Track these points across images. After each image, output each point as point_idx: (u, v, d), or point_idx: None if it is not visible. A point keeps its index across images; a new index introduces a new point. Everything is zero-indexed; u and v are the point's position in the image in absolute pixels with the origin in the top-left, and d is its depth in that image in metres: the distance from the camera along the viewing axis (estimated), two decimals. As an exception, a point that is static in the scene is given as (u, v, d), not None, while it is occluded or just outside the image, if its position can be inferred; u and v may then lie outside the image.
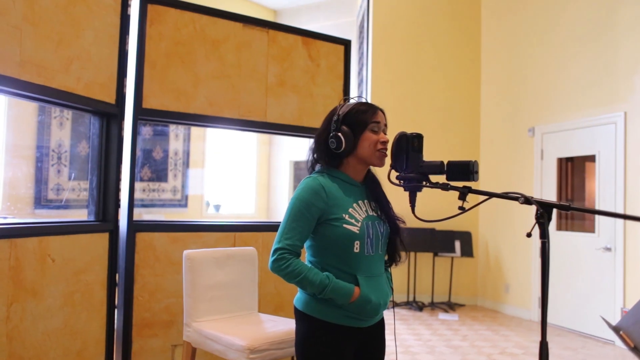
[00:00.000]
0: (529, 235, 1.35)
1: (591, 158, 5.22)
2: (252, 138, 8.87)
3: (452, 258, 6.31)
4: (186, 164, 7.13)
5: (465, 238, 6.23)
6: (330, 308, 1.62)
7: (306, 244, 1.70)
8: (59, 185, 5.07)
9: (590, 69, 5.16)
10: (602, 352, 4.51)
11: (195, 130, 7.27)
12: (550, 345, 5.01)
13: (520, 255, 5.89)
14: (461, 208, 1.49)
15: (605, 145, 4.97)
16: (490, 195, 1.47)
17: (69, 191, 5.12)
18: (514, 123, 6.08)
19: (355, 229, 1.62)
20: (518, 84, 6.07)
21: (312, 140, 1.80)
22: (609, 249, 4.84)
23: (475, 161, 1.50)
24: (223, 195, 8.36)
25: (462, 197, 1.48)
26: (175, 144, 6.98)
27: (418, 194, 1.63)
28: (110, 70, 2.80)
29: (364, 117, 1.68)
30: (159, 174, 6.76)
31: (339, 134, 1.66)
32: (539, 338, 4.82)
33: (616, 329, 1.64)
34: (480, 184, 5.91)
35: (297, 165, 9.22)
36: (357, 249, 1.62)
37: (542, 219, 1.33)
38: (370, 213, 1.70)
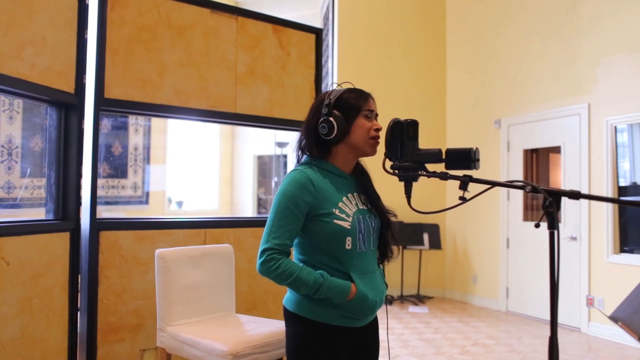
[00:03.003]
0: (537, 225, 1.29)
1: (556, 149, 5.31)
2: (214, 131, 8.64)
3: (421, 251, 6.32)
4: (147, 160, 6.84)
5: (434, 230, 6.25)
6: (324, 308, 1.51)
7: (294, 242, 1.58)
8: (10, 182, 4.74)
9: (554, 61, 5.23)
10: (570, 339, 4.60)
11: (155, 123, 7.00)
12: (520, 335, 5.03)
13: (487, 247, 5.95)
14: (462, 198, 1.41)
15: (569, 136, 5.05)
16: (493, 184, 1.39)
17: (22, 189, 4.80)
18: (480, 115, 6.12)
19: (346, 225, 1.52)
20: (483, 76, 6.11)
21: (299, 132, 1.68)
22: (574, 238, 4.93)
23: (477, 148, 1.42)
24: (185, 191, 8.11)
25: (464, 187, 1.40)
26: (135, 139, 6.68)
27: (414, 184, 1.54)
28: (68, 56, 2.58)
29: (356, 102, 1.58)
30: (119, 170, 6.46)
31: (331, 118, 1.55)
32: (507, 328, 4.81)
33: (614, 319, 1.61)
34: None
35: (261, 159, 9.06)
36: (349, 245, 1.52)
37: (551, 208, 1.26)
38: (361, 207, 1.60)
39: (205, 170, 8.63)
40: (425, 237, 6.19)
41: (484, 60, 6.11)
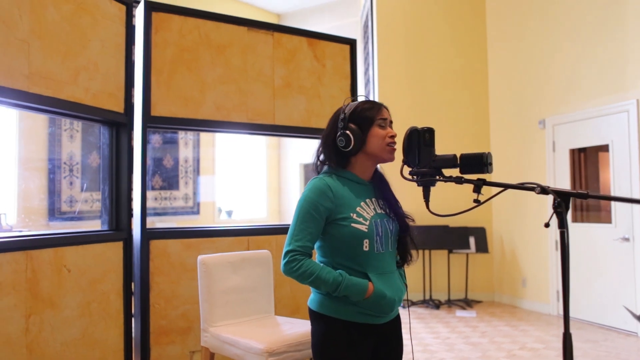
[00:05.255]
0: (547, 225, 1.34)
1: (604, 148, 5.15)
2: (260, 142, 8.87)
3: (467, 254, 6.26)
4: (197, 171, 7.15)
5: (480, 234, 6.18)
6: (345, 306, 1.61)
7: (316, 245, 1.70)
8: (72, 197, 5.11)
9: (600, 57, 5.09)
10: (625, 343, 4.44)
11: (204, 137, 7.30)
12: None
13: (536, 249, 5.82)
14: (476, 201, 1.47)
15: (618, 134, 4.90)
16: (505, 186, 1.45)
17: (81, 202, 5.15)
18: (524, 116, 6.02)
19: (363, 228, 1.62)
20: (526, 76, 6.01)
21: (318, 142, 1.80)
22: (627, 239, 4.76)
23: (489, 153, 1.48)
24: (235, 201, 8.37)
25: (477, 190, 1.46)
26: (185, 152, 7.00)
27: (432, 189, 1.61)
28: (118, 79, 2.81)
29: (370, 113, 1.69)
30: (170, 182, 6.78)
31: (347, 132, 1.66)
32: (559, 332, 4.74)
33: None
34: (492, 178, 5.85)
35: (306, 167, 9.22)
36: (366, 247, 1.62)
37: (560, 208, 1.31)
38: (379, 211, 1.69)
39: (253, 179, 8.87)
40: (472, 240, 6.14)
41: (526, 59, 6.01)
